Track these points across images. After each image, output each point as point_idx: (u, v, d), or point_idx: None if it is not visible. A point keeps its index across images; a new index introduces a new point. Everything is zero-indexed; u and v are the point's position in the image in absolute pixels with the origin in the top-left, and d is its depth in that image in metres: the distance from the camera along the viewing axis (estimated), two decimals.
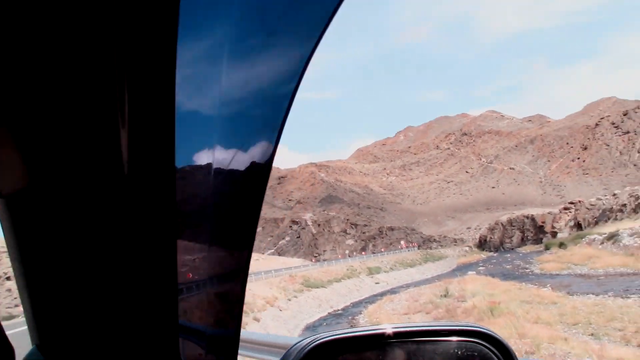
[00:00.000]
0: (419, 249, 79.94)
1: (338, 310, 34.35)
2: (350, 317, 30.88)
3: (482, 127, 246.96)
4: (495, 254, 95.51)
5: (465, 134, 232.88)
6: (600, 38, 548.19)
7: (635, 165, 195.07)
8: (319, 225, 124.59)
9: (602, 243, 57.91)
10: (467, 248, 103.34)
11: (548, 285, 33.62)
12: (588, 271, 41.94)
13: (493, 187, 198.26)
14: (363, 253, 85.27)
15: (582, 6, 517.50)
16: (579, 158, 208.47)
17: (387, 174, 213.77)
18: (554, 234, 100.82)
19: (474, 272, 54.61)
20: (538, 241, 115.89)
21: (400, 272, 55.85)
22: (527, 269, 52.57)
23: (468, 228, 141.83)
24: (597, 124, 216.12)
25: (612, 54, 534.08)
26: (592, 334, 16.69)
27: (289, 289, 33.27)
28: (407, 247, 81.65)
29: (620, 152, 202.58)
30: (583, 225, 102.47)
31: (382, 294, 41.29)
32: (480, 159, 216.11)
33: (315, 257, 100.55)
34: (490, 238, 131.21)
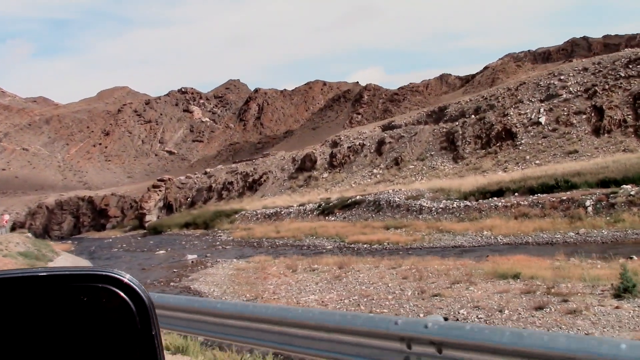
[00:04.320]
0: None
1: None
2: None
3: None
4: (77, 243, 66.54)
5: None
6: (81, 36, 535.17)
7: (156, 155, 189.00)
8: None
9: (331, 213, 42.35)
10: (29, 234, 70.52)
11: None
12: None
13: (4, 169, 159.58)
14: None
15: (62, 3, 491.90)
16: (100, 144, 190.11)
17: None
18: (143, 216, 78.58)
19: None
20: (99, 227, 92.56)
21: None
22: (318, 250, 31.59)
23: None
24: (119, 110, 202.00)
25: (95, 52, 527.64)
26: None
27: None
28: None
29: (142, 141, 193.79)
30: (175, 206, 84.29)
31: None
32: None
33: None
34: (32, 224, 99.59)
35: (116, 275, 1.22)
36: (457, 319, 11.29)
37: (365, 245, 28.06)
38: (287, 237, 36.48)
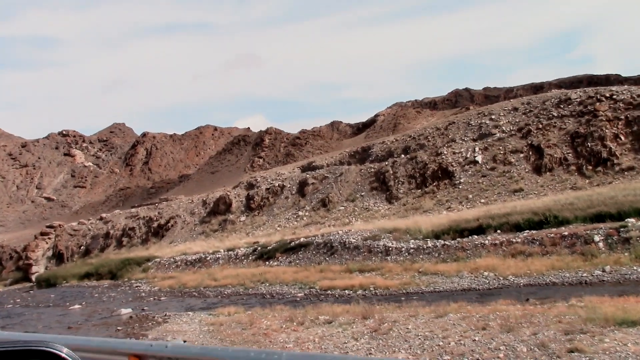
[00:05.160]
0: None
1: None
2: None
3: None
4: None
5: None
6: None
7: (33, 201, 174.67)
8: None
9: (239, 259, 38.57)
10: None
11: None
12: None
13: None
14: None
15: None
16: None
17: None
18: (28, 267, 69.48)
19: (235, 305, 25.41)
20: None
21: None
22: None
23: None
24: None
25: None
26: None
27: None
28: None
29: (17, 187, 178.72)
30: (66, 255, 75.43)
31: None
32: None
33: None
34: None
35: (53, 350, 1.18)
36: None
37: (346, 292, 24.12)
38: (232, 285, 31.64)
